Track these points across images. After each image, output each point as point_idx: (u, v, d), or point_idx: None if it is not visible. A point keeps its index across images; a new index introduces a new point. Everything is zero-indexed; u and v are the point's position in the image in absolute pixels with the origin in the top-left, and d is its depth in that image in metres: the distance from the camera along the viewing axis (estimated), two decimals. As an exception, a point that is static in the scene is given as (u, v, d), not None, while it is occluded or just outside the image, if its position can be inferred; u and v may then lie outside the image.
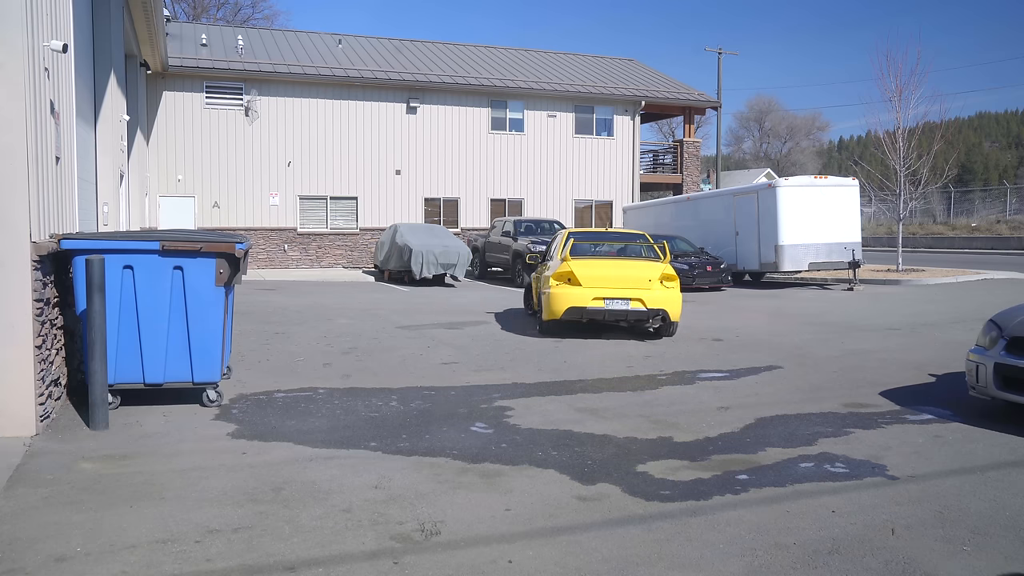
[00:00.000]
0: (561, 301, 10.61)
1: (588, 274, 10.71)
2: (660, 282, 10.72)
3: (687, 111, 33.11)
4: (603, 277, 10.72)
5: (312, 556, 3.76)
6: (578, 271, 10.70)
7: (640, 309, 10.52)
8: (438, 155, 28.06)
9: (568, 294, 10.59)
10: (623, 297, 10.51)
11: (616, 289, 10.58)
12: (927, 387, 7.82)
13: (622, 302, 10.51)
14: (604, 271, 10.88)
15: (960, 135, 58.52)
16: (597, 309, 10.52)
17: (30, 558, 3.69)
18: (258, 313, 13.40)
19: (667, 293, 10.68)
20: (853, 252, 19.46)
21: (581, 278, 10.65)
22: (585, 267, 10.84)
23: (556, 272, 10.80)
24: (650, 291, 10.59)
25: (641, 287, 10.61)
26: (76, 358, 7.02)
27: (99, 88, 12.08)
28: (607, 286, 10.59)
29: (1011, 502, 4.58)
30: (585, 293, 10.54)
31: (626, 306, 10.50)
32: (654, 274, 10.78)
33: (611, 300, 10.50)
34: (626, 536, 4.06)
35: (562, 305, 10.58)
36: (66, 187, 7.24)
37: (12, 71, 5.40)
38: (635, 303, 10.50)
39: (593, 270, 10.80)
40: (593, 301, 10.49)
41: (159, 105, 24.83)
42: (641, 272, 10.85)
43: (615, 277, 10.75)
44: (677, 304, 10.76)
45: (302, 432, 5.95)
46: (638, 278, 10.71)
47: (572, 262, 10.92)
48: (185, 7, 50.05)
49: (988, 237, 38.79)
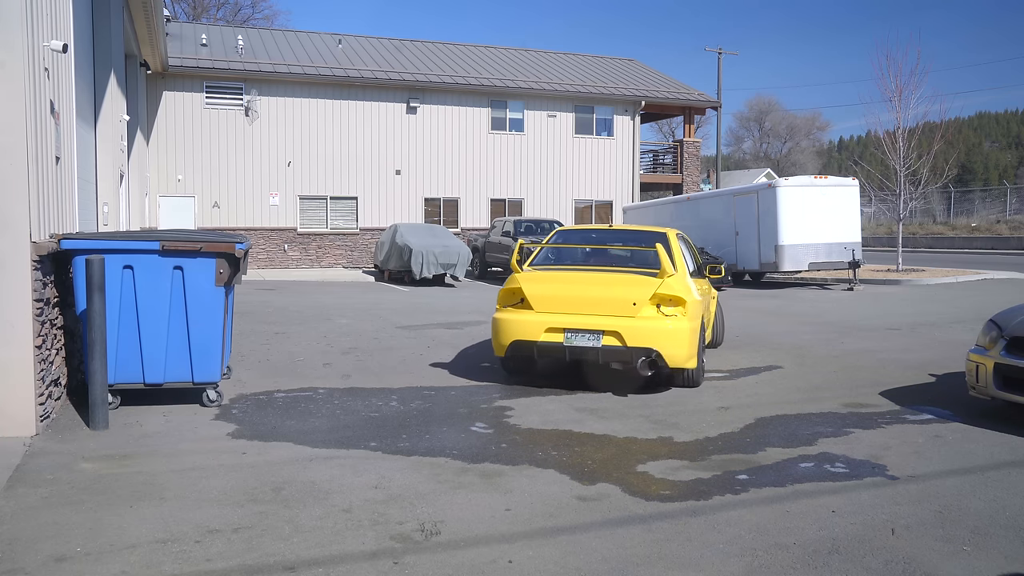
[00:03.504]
0: (504, 332, 7.52)
1: (544, 293, 7.50)
2: (654, 307, 7.31)
3: (687, 111, 33.11)
4: (565, 298, 7.43)
5: (312, 556, 3.76)
6: (530, 288, 7.53)
7: (615, 347, 7.18)
8: (438, 155, 28.06)
9: (514, 322, 7.46)
10: (591, 329, 7.23)
11: (582, 316, 7.31)
12: (927, 387, 7.82)
13: (589, 336, 7.22)
14: (568, 289, 7.53)
15: (960, 135, 58.57)
16: (552, 345, 7.31)
17: (30, 558, 3.69)
18: (258, 313, 13.40)
19: (662, 325, 7.21)
20: (853, 252, 19.46)
21: (533, 299, 7.49)
22: (541, 282, 7.65)
23: (503, 289, 7.77)
24: (632, 320, 7.22)
25: (619, 313, 7.28)
26: (76, 358, 7.02)
27: (99, 88, 12.08)
28: (570, 311, 7.36)
29: (1011, 502, 4.58)
30: (537, 321, 7.37)
31: (595, 342, 7.20)
32: (642, 294, 7.30)
33: (573, 333, 7.26)
34: (626, 536, 4.06)
35: (505, 337, 7.52)
36: (66, 187, 7.24)
37: (12, 71, 5.40)
38: (609, 338, 7.19)
39: (552, 287, 7.58)
40: (547, 334, 7.33)
41: (159, 105, 24.82)
42: (622, 291, 7.38)
43: (582, 299, 7.40)
44: (680, 341, 7.19)
45: (302, 432, 5.95)
46: (616, 300, 7.33)
47: (525, 274, 7.84)
48: (185, 7, 50.07)
49: (988, 237, 38.78)
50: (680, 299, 7.35)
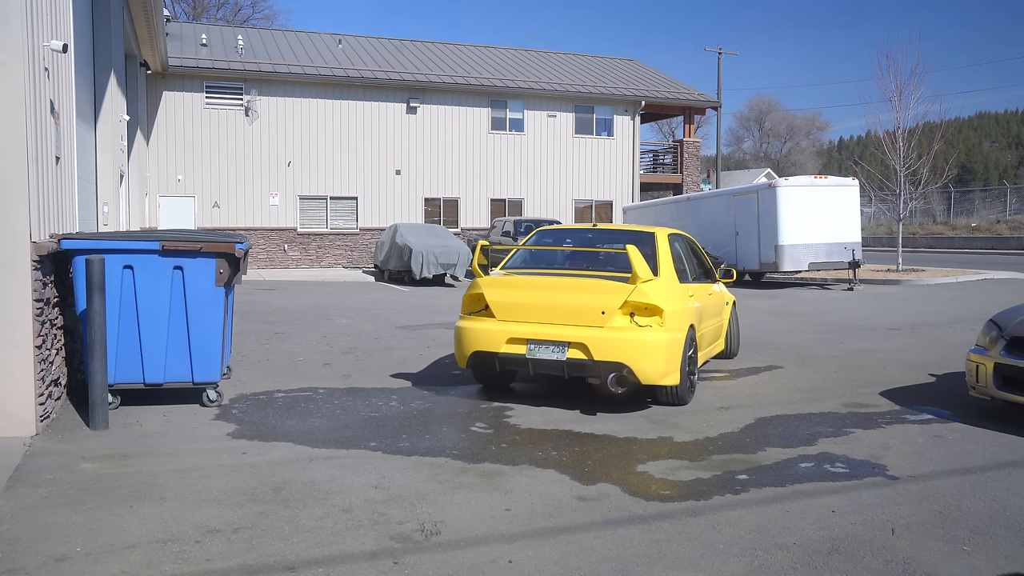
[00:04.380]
0: (464, 342, 6.95)
1: (507, 300, 6.84)
2: (626, 316, 6.54)
3: (687, 111, 33.12)
4: (530, 306, 6.75)
5: (312, 556, 3.76)
6: (493, 294, 6.90)
7: (581, 361, 6.49)
8: (438, 155, 28.07)
9: (475, 331, 6.87)
10: (555, 340, 6.56)
11: (547, 326, 6.65)
12: (927, 387, 7.82)
13: (554, 348, 6.56)
14: (534, 296, 6.79)
15: (960, 135, 58.61)
16: (514, 357, 6.70)
17: (30, 558, 3.69)
18: (258, 313, 13.40)
19: (633, 336, 6.43)
20: (853, 252, 19.47)
21: (496, 306, 6.85)
22: (505, 288, 6.94)
23: (466, 294, 7.15)
24: (600, 331, 6.49)
25: (586, 323, 6.56)
26: (76, 358, 7.02)
27: (99, 88, 12.08)
28: (534, 320, 6.71)
29: (1011, 502, 4.58)
30: (499, 331, 6.76)
31: (559, 355, 6.53)
32: (611, 302, 6.54)
33: (537, 344, 6.61)
34: (626, 536, 4.06)
35: (466, 347, 6.95)
36: (66, 187, 7.24)
37: (12, 71, 5.40)
38: (574, 351, 6.51)
39: (517, 293, 6.87)
40: (509, 345, 6.71)
41: (159, 105, 24.83)
42: (590, 298, 6.62)
43: (548, 307, 6.69)
44: (654, 355, 6.42)
45: (302, 432, 5.95)
46: (583, 309, 6.59)
47: (489, 279, 7.10)
48: (185, 7, 50.09)
49: (988, 237, 38.79)
50: (656, 308, 6.51)
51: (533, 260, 7.87)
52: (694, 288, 7.70)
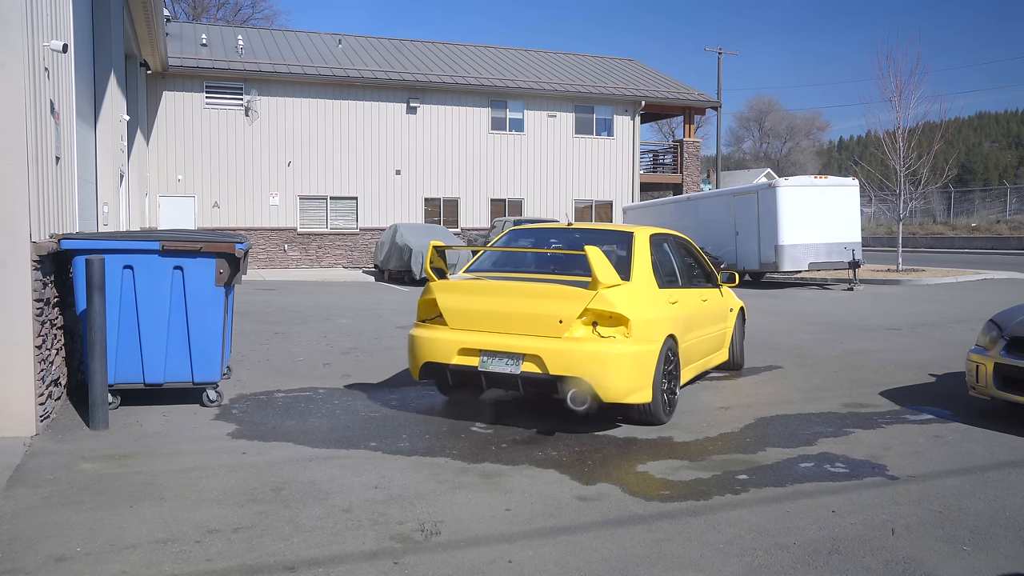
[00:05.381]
0: (416, 352, 6.39)
1: (461, 306, 6.26)
2: (588, 325, 5.92)
3: (687, 111, 33.13)
4: (485, 314, 6.15)
5: (312, 556, 3.76)
6: (446, 300, 6.32)
7: (536, 375, 5.88)
8: (438, 155, 28.07)
9: (427, 340, 6.30)
10: (510, 351, 5.97)
11: (502, 335, 6.05)
12: (927, 387, 7.82)
13: (508, 360, 5.96)
14: (489, 302, 6.19)
15: (960, 135, 58.61)
16: (466, 369, 6.12)
17: (30, 558, 3.69)
18: (258, 313, 13.41)
19: (593, 348, 5.82)
20: (853, 252, 19.47)
21: (449, 313, 6.29)
22: (460, 293, 6.34)
23: (419, 300, 6.59)
24: (557, 342, 5.88)
25: (542, 333, 5.95)
26: (76, 358, 7.02)
27: (99, 88, 12.08)
28: (489, 329, 6.12)
29: (1011, 502, 4.58)
30: (451, 340, 6.18)
31: (513, 368, 5.93)
32: (569, 310, 5.91)
33: (490, 356, 6.03)
34: (626, 536, 4.06)
35: (416, 358, 6.39)
36: (66, 187, 7.24)
37: (12, 71, 5.40)
38: (528, 364, 5.90)
39: (472, 299, 6.27)
40: (460, 356, 6.14)
41: (159, 105, 24.83)
42: (548, 306, 5.99)
43: (503, 314, 6.09)
44: (617, 369, 5.80)
45: (302, 432, 5.95)
46: (540, 317, 5.97)
47: (443, 283, 6.45)
48: (185, 7, 50.09)
49: (988, 237, 38.80)
50: (621, 316, 5.87)
51: (499, 262, 7.19)
52: (681, 293, 6.98)
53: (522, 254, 7.23)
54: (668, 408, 6.42)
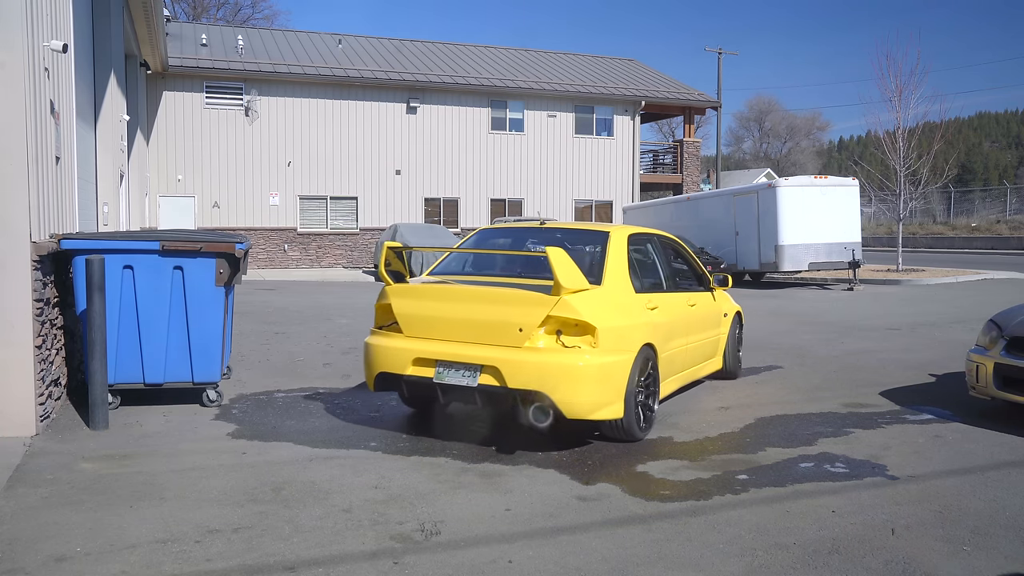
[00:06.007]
0: (370, 361, 5.95)
1: (416, 313, 5.78)
2: (551, 334, 5.42)
3: (687, 111, 33.13)
4: (441, 321, 5.67)
5: (312, 556, 3.76)
6: (401, 306, 5.84)
7: (493, 388, 5.40)
8: (438, 155, 28.08)
9: (381, 349, 5.84)
10: (467, 362, 5.48)
11: (459, 344, 5.58)
12: (927, 387, 7.82)
13: (464, 372, 5.48)
14: (447, 308, 5.69)
15: (960, 135, 58.61)
16: (421, 381, 5.66)
17: (30, 558, 3.69)
18: (258, 313, 13.41)
19: (554, 360, 5.31)
20: (853, 252, 19.48)
21: (404, 320, 5.82)
22: (417, 299, 5.85)
23: (376, 305, 6.16)
24: (516, 353, 5.38)
25: (501, 342, 5.46)
26: (76, 358, 7.02)
27: (99, 88, 12.08)
28: (445, 337, 5.65)
29: (1011, 502, 4.58)
30: (406, 350, 5.71)
31: (470, 380, 5.44)
32: (530, 317, 5.41)
33: (446, 367, 5.54)
34: (626, 536, 4.06)
35: (371, 368, 5.94)
36: (66, 187, 7.24)
37: (12, 71, 5.40)
38: (486, 376, 5.41)
39: (428, 305, 5.77)
40: (415, 367, 5.66)
41: (159, 105, 24.84)
42: (507, 313, 5.48)
43: (461, 322, 5.60)
44: (582, 382, 5.30)
45: (302, 432, 5.95)
46: (498, 325, 5.47)
47: (398, 288, 5.96)
48: (185, 7, 50.11)
49: (988, 237, 38.81)
50: (587, 325, 5.36)
51: (465, 265, 6.74)
52: (663, 298, 6.50)
53: (491, 256, 6.70)
54: (644, 424, 5.89)
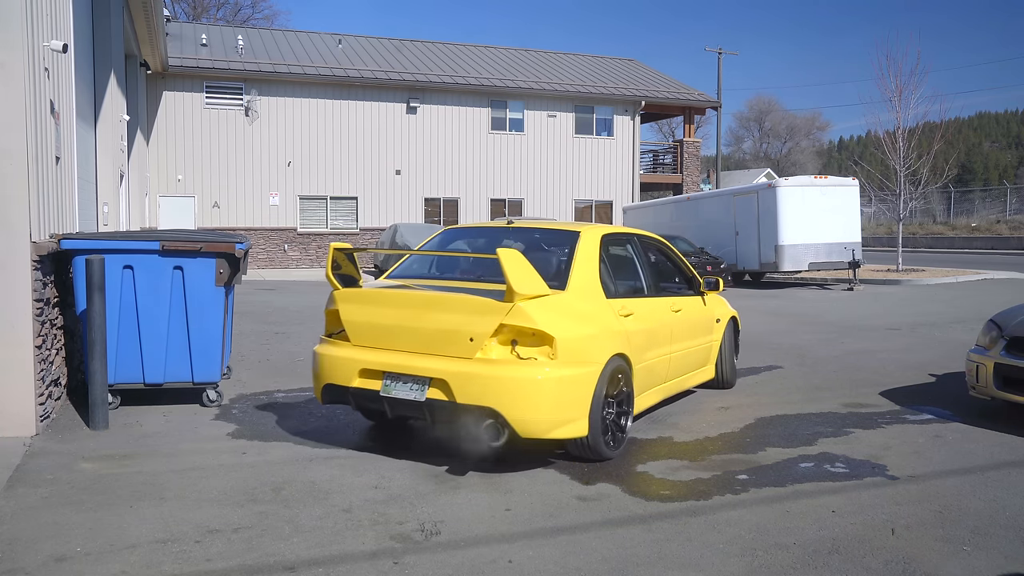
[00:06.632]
0: (318, 372, 5.53)
1: (365, 320, 5.34)
2: (505, 344, 4.94)
3: (687, 111, 33.13)
4: (390, 329, 5.22)
5: (312, 556, 3.76)
6: (349, 312, 5.41)
7: (442, 403, 4.95)
8: (438, 155, 28.08)
9: (328, 359, 5.41)
10: (415, 374, 5.03)
11: (408, 354, 5.12)
12: (927, 387, 7.82)
13: (412, 385, 5.03)
14: (396, 315, 5.23)
15: (960, 135, 58.61)
16: (368, 394, 5.22)
17: (30, 558, 3.69)
18: (258, 313, 13.41)
19: (506, 373, 4.83)
20: (853, 252, 19.49)
21: (352, 327, 5.39)
22: (366, 304, 5.38)
23: (325, 311, 5.71)
24: (466, 364, 4.91)
25: (451, 353, 4.99)
26: (76, 358, 7.02)
27: (99, 88, 12.08)
28: (395, 347, 5.20)
29: (1011, 502, 4.58)
30: (352, 359, 5.28)
31: (418, 394, 4.99)
32: (482, 326, 4.92)
33: (393, 379, 5.09)
34: (626, 536, 4.06)
35: (318, 379, 5.52)
36: (66, 187, 7.24)
37: (12, 71, 5.40)
38: (435, 389, 4.96)
39: (377, 311, 5.32)
40: (362, 378, 5.23)
41: (159, 105, 24.84)
42: (458, 320, 5.00)
43: (410, 330, 5.14)
44: (537, 398, 4.82)
45: (302, 432, 5.95)
46: (448, 334, 5.01)
47: (347, 293, 5.48)
48: (185, 7, 50.11)
49: (988, 237, 38.82)
50: (544, 334, 4.87)
51: (426, 267, 6.26)
52: (641, 304, 6.03)
53: (455, 258, 6.16)
54: (614, 442, 5.37)
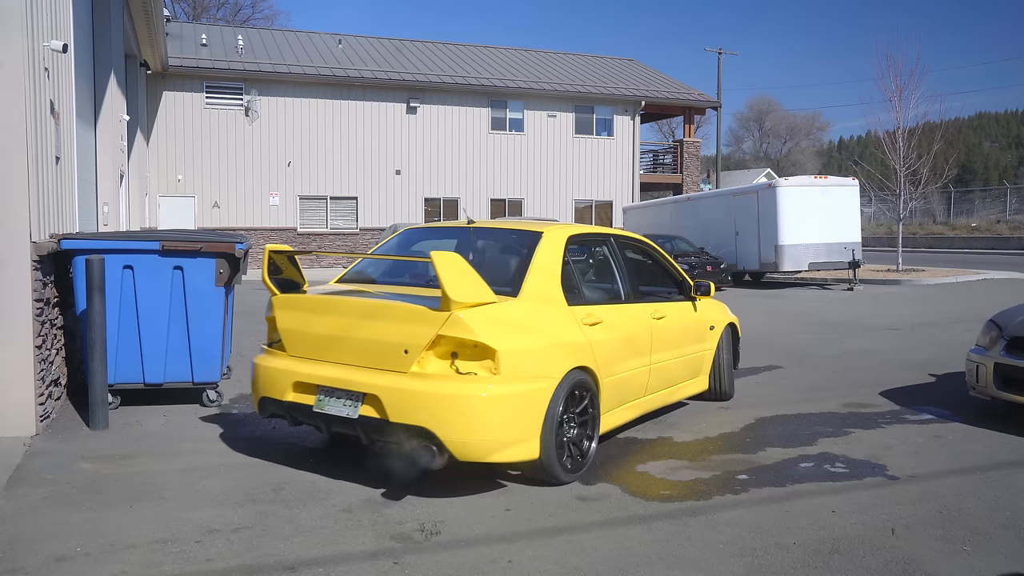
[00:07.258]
0: (254, 383, 5.16)
1: (301, 328, 4.98)
2: (444, 357, 4.49)
3: (687, 111, 33.13)
4: (326, 339, 4.85)
5: (312, 556, 3.76)
6: (285, 320, 5.05)
7: (374, 420, 4.51)
8: (438, 155, 28.08)
9: (264, 371, 5.05)
10: (349, 389, 4.62)
11: (342, 367, 4.73)
12: (927, 387, 7.82)
13: (346, 400, 4.62)
14: (331, 324, 4.85)
15: (960, 135, 58.51)
16: (302, 408, 4.81)
17: (30, 558, 3.69)
18: (258, 313, 13.38)
19: (444, 389, 4.39)
20: (853, 252, 19.48)
21: (288, 336, 5.04)
22: (302, 312, 5.02)
23: (267, 316, 5.32)
24: (400, 379, 4.48)
25: (385, 366, 4.57)
26: (76, 358, 7.02)
27: (99, 88, 12.08)
28: (331, 358, 4.82)
29: (1011, 502, 4.58)
30: (287, 372, 4.90)
31: (351, 410, 4.57)
32: (417, 336, 4.49)
33: (328, 394, 4.69)
34: (626, 536, 4.06)
35: (255, 391, 5.17)
36: (66, 187, 7.24)
37: (12, 71, 5.40)
38: (368, 406, 4.54)
39: (313, 320, 4.94)
40: (296, 392, 4.85)
41: (159, 105, 24.84)
42: (393, 330, 4.58)
43: (346, 340, 4.75)
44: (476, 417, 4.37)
45: (302, 432, 5.94)
46: (384, 345, 4.58)
47: (285, 299, 5.14)
48: (185, 7, 50.11)
49: (988, 237, 38.82)
50: (486, 347, 4.42)
51: (375, 271, 5.84)
52: (612, 311, 5.51)
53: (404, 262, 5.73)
54: (572, 465, 4.86)
